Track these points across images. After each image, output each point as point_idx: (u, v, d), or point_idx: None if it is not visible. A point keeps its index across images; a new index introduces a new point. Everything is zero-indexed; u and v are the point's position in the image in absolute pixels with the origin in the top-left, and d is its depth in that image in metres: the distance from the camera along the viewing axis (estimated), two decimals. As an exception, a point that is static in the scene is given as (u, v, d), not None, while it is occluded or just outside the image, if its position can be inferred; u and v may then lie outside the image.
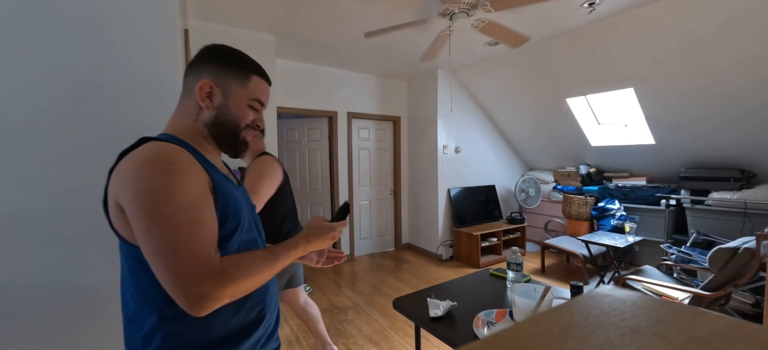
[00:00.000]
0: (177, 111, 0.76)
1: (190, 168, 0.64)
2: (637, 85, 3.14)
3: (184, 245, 0.59)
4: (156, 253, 0.58)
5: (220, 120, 0.73)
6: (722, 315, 0.25)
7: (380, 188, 4.82)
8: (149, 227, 0.59)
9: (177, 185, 0.61)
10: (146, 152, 0.63)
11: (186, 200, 0.61)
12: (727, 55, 2.52)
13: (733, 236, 2.78)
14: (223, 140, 0.75)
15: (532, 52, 3.50)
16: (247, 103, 0.75)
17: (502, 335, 0.23)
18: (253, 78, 0.76)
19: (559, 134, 4.31)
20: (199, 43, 3.03)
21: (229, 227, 0.69)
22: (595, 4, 2.56)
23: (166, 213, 0.59)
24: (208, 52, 0.76)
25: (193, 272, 0.58)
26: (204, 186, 0.65)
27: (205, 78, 0.72)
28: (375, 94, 4.59)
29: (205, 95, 0.72)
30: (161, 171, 0.61)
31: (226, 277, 0.61)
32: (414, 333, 1.66)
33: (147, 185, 0.59)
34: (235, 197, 0.73)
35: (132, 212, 0.60)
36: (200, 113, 0.73)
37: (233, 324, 0.71)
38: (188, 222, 0.60)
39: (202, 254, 0.60)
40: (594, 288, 1.49)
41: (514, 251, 1.58)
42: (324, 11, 2.66)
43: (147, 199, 0.59)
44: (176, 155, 0.64)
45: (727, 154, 3.21)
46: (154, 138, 0.69)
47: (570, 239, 3.92)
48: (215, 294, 0.60)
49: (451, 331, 1.21)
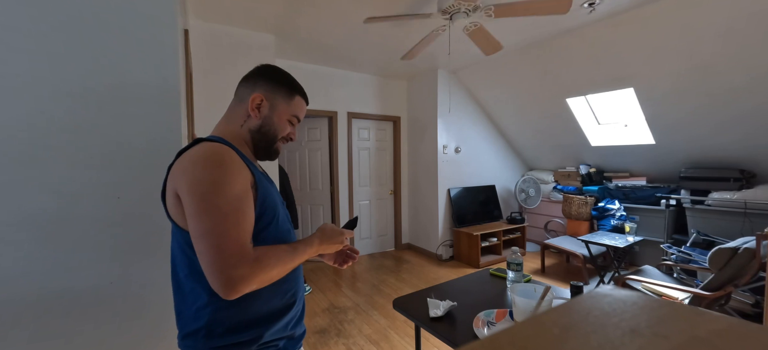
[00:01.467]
0: (227, 115, 0.87)
1: (237, 166, 0.74)
2: (637, 85, 3.14)
3: (227, 233, 0.68)
4: (202, 236, 0.67)
5: (264, 129, 0.85)
6: (722, 315, 0.25)
7: (380, 188, 4.82)
8: (201, 212, 0.68)
9: (227, 180, 0.70)
10: (203, 150, 0.73)
11: (233, 194, 0.70)
12: (727, 55, 2.52)
13: (733, 236, 2.78)
14: (261, 147, 0.87)
15: (532, 52, 3.50)
16: (287, 117, 0.87)
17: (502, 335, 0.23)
18: (297, 98, 0.89)
19: (559, 134, 4.31)
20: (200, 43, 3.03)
21: (266, 220, 0.79)
22: (595, 4, 2.56)
23: (216, 203, 0.68)
24: (264, 69, 0.87)
25: (232, 256, 0.67)
26: (247, 183, 0.75)
27: (258, 91, 0.84)
28: (375, 94, 4.59)
29: (255, 106, 0.84)
30: (214, 167, 0.71)
31: (258, 265, 0.70)
32: (414, 333, 1.66)
33: (202, 177, 0.69)
34: (272, 193, 0.83)
35: (187, 201, 0.70)
36: (247, 121, 0.85)
37: (272, 305, 0.81)
38: (234, 212, 0.69)
39: (242, 242, 0.69)
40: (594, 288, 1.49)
41: (514, 251, 1.58)
42: (324, 11, 2.66)
43: (201, 188, 0.69)
44: (227, 154, 0.73)
45: (727, 154, 3.21)
46: (206, 139, 0.79)
47: (570, 239, 3.92)
48: (248, 279, 0.68)
49: (451, 331, 1.21)
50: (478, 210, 4.67)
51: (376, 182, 4.78)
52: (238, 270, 0.67)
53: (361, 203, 4.66)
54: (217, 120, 0.89)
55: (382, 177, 4.83)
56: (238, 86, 0.87)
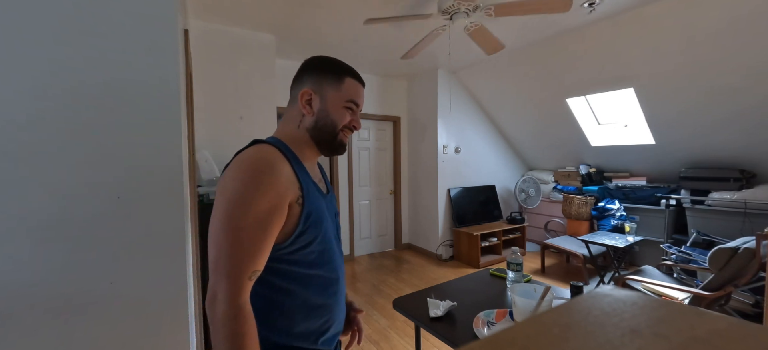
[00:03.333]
0: (284, 119, 0.84)
1: (274, 180, 0.69)
2: (637, 85, 3.14)
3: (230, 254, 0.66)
4: (212, 244, 0.67)
5: (320, 123, 0.80)
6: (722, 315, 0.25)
7: (380, 188, 4.82)
8: (220, 219, 0.67)
9: (256, 191, 0.67)
10: (247, 155, 0.71)
11: (258, 210, 0.67)
12: (727, 55, 2.52)
13: (733, 236, 2.78)
14: (323, 142, 0.81)
15: (532, 52, 3.50)
16: (343, 104, 0.81)
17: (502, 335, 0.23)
18: (347, 80, 0.81)
19: (559, 133, 4.31)
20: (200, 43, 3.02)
21: (308, 237, 0.75)
22: (595, 4, 2.56)
23: (235, 218, 0.66)
24: (307, 63, 0.82)
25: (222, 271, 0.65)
26: (282, 199, 0.70)
27: (305, 87, 0.80)
28: (375, 94, 4.59)
29: (305, 102, 0.79)
30: (248, 179, 0.68)
31: (232, 319, 0.64)
32: (414, 333, 1.66)
33: (232, 187, 0.68)
34: (320, 207, 0.79)
35: (216, 202, 0.69)
36: (302, 120, 0.80)
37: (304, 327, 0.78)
38: (251, 237, 0.66)
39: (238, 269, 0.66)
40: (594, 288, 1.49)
41: (514, 251, 1.58)
42: (324, 11, 2.66)
43: (227, 195, 0.68)
44: (268, 164, 0.70)
45: (727, 154, 3.20)
46: (263, 141, 0.77)
47: (570, 239, 3.92)
48: (215, 311, 0.65)
49: (451, 331, 1.21)
50: (478, 210, 4.67)
51: (376, 182, 4.78)
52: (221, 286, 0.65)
53: (361, 203, 4.66)
54: (217, 120, 0.90)
55: (382, 177, 4.83)
56: (291, 88, 0.84)
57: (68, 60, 0.99)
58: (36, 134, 0.96)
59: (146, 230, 1.08)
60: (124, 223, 1.06)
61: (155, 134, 1.09)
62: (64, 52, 0.99)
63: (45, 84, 0.97)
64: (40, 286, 0.98)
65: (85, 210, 1.01)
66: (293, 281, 0.76)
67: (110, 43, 1.04)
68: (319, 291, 0.79)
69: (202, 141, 2.74)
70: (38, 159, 0.97)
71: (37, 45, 0.96)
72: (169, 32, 1.12)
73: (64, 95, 0.99)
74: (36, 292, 0.97)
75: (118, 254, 1.05)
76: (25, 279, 0.96)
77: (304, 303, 0.77)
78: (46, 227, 0.98)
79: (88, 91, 1.01)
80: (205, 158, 2.57)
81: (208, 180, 2.61)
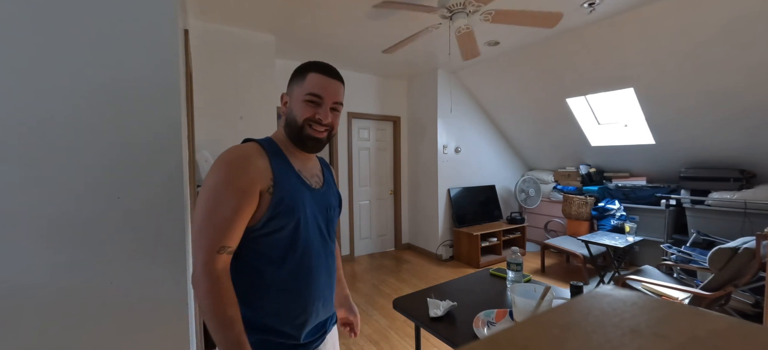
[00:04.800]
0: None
1: (248, 168, 0.78)
2: (637, 85, 3.14)
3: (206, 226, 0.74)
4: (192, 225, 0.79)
5: (289, 120, 0.87)
6: (722, 315, 0.25)
7: (380, 188, 4.82)
8: (198, 203, 0.77)
9: (230, 178, 0.76)
10: (228, 151, 0.81)
11: (230, 193, 0.75)
12: (727, 55, 2.52)
13: (733, 236, 2.78)
14: (294, 138, 0.87)
15: (532, 52, 3.50)
16: (303, 98, 0.84)
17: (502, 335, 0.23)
18: (309, 75, 0.85)
19: (559, 134, 4.31)
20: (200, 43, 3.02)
21: (278, 223, 0.80)
22: (595, 4, 2.56)
23: (210, 198, 0.76)
24: (300, 66, 0.88)
25: (198, 247, 0.74)
26: (252, 185, 0.78)
27: (285, 92, 0.90)
28: (375, 94, 4.59)
29: (283, 104, 0.89)
30: (220, 169, 0.77)
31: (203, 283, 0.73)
32: (414, 333, 1.66)
33: (212, 175, 0.78)
34: (296, 197, 0.83)
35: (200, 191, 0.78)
36: (282, 120, 0.89)
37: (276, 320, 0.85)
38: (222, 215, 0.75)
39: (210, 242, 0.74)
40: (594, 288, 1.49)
41: (514, 251, 1.57)
42: (324, 11, 2.66)
43: (206, 184, 0.78)
44: (243, 156, 0.79)
45: (727, 154, 3.20)
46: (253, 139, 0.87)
47: (570, 239, 3.92)
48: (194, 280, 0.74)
49: (451, 331, 1.21)
50: (478, 210, 4.67)
51: (376, 182, 4.77)
52: (198, 257, 0.74)
53: (361, 203, 4.66)
54: (217, 120, 0.91)
55: (382, 177, 4.83)
56: None
57: (68, 60, 0.99)
58: (35, 134, 0.96)
59: (146, 230, 1.08)
60: (124, 223, 1.06)
61: (155, 134, 1.09)
62: (64, 53, 0.99)
63: (44, 84, 0.97)
64: (41, 286, 0.98)
65: (85, 210, 1.01)
66: (267, 262, 0.82)
67: (110, 43, 1.04)
68: (290, 276, 0.83)
69: (202, 141, 2.74)
70: (38, 159, 0.97)
71: (36, 45, 0.96)
72: (169, 32, 1.12)
73: (63, 95, 0.99)
74: (36, 292, 0.97)
75: (118, 255, 1.05)
76: (25, 279, 0.96)
77: (275, 284, 0.83)
78: (46, 227, 0.98)
79: (87, 91, 1.01)
80: (205, 158, 2.57)
81: (208, 180, 2.61)
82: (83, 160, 1.01)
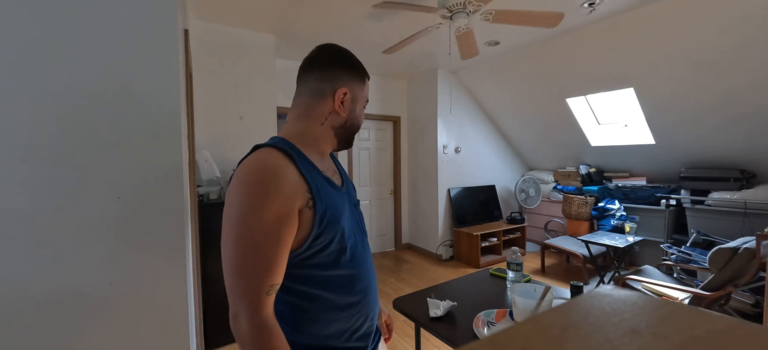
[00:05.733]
0: (304, 113, 0.78)
1: (280, 186, 0.66)
2: (637, 85, 3.14)
3: (246, 271, 0.63)
4: (225, 263, 0.65)
5: (349, 123, 0.80)
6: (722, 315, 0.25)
7: (380, 188, 4.82)
8: (229, 238, 0.65)
9: (263, 202, 0.64)
10: (249, 165, 0.67)
11: (266, 222, 0.64)
12: (727, 55, 2.52)
13: (733, 236, 2.78)
14: (344, 140, 0.83)
15: (532, 52, 3.50)
16: (364, 104, 0.83)
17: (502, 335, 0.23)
18: (367, 82, 0.83)
19: (559, 134, 4.31)
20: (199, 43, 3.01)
21: (325, 239, 0.71)
22: (595, 4, 2.56)
23: (242, 234, 0.64)
24: (339, 56, 0.79)
25: (238, 296, 0.64)
26: (290, 206, 0.66)
27: (343, 86, 0.76)
28: (375, 94, 4.59)
29: (341, 102, 0.77)
30: (251, 190, 0.64)
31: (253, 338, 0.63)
32: (414, 333, 1.66)
33: (236, 200, 0.65)
34: (335, 204, 0.74)
35: (224, 219, 0.66)
36: (330, 117, 0.78)
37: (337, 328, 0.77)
38: (263, 251, 0.64)
39: (253, 290, 0.64)
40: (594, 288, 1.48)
41: (514, 251, 1.58)
42: (324, 10, 2.66)
43: (232, 212, 0.65)
44: (271, 171, 0.66)
45: (727, 154, 3.20)
46: (266, 144, 0.72)
47: (570, 239, 3.92)
48: (239, 330, 0.63)
49: (451, 331, 1.21)
50: (478, 210, 4.67)
51: (376, 182, 4.77)
52: (241, 305, 0.63)
53: (362, 203, 4.66)
54: (217, 120, 0.89)
55: (382, 177, 4.83)
56: (310, 78, 0.77)
57: (68, 60, 0.99)
58: (36, 134, 0.96)
59: (146, 230, 1.08)
60: (125, 223, 1.06)
61: (155, 134, 1.09)
62: (64, 53, 0.99)
63: (44, 84, 0.97)
64: (41, 286, 0.98)
65: (85, 210, 1.01)
66: (315, 285, 0.72)
67: (110, 43, 1.04)
68: (344, 290, 0.75)
69: (202, 141, 2.75)
70: (38, 159, 0.97)
71: (36, 45, 0.96)
72: (169, 32, 1.12)
73: (63, 95, 0.99)
74: (36, 292, 0.97)
75: (118, 255, 1.05)
76: (25, 279, 0.96)
77: (330, 306, 0.74)
78: (46, 227, 0.98)
79: (88, 91, 1.01)
80: (205, 158, 2.57)
81: (208, 180, 2.61)
82: (83, 160, 1.01)
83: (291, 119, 0.79)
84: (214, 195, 2.59)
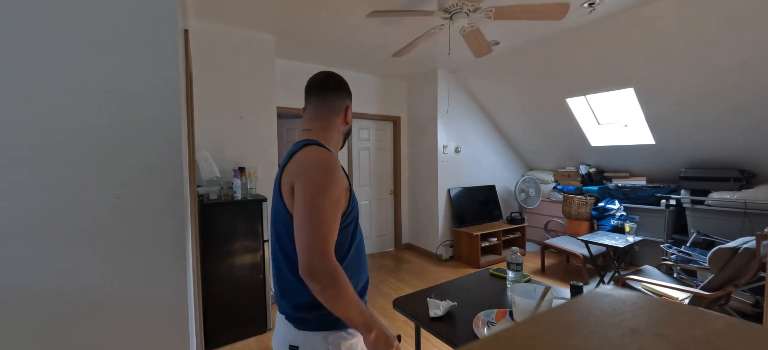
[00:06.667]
0: (328, 124, 1.04)
1: (339, 174, 0.91)
2: (637, 85, 3.14)
3: (319, 229, 0.83)
4: (302, 226, 0.84)
5: (349, 130, 1.12)
6: (722, 315, 0.25)
7: (380, 188, 4.82)
8: (307, 207, 0.84)
9: (332, 185, 0.87)
10: (319, 155, 0.91)
11: (333, 199, 0.87)
12: (727, 55, 2.52)
13: (733, 236, 2.78)
14: (344, 143, 1.11)
15: (532, 52, 3.50)
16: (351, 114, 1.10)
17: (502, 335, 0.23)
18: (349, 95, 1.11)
19: (559, 134, 4.31)
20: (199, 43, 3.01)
21: (353, 213, 0.97)
22: (595, 4, 2.56)
23: (320, 203, 0.85)
24: (344, 82, 1.08)
25: (317, 249, 0.82)
26: (343, 189, 0.91)
27: (349, 103, 1.08)
28: (375, 94, 4.59)
29: (346, 118, 1.06)
30: (326, 172, 0.88)
31: (331, 277, 0.81)
32: (414, 333, 1.66)
33: (315, 179, 0.87)
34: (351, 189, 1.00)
35: (299, 195, 0.86)
36: (342, 127, 1.07)
37: None
38: (330, 215, 0.86)
39: (326, 241, 0.84)
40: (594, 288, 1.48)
41: (514, 251, 1.58)
42: (324, 10, 2.66)
43: (312, 188, 0.86)
44: (335, 162, 0.92)
45: (727, 154, 3.20)
46: (315, 143, 0.95)
47: (570, 239, 3.92)
48: (319, 275, 0.81)
49: (451, 331, 1.21)
50: (478, 210, 4.67)
51: (376, 182, 4.77)
52: (316, 260, 0.81)
53: (361, 203, 4.65)
54: (216, 120, 0.91)
55: (382, 177, 4.83)
56: (326, 95, 1.03)
57: (68, 60, 0.99)
58: (36, 134, 0.96)
59: (146, 230, 1.09)
60: (125, 223, 1.06)
61: (155, 134, 1.09)
62: (64, 53, 0.99)
63: (45, 84, 0.97)
64: (41, 286, 0.98)
65: (85, 210, 1.01)
66: (344, 247, 0.96)
67: (110, 44, 1.04)
68: (357, 251, 1.00)
69: (202, 141, 2.75)
70: (38, 159, 0.97)
71: (36, 45, 0.96)
72: (169, 32, 1.12)
73: (63, 95, 0.99)
74: (36, 292, 0.97)
75: (118, 254, 1.05)
76: (25, 279, 0.96)
77: (350, 263, 0.96)
78: (46, 228, 0.98)
79: (87, 91, 1.01)
80: (205, 158, 2.57)
81: (208, 180, 2.61)
82: (83, 160, 1.01)
83: (317, 128, 1.03)
84: (214, 195, 2.59)
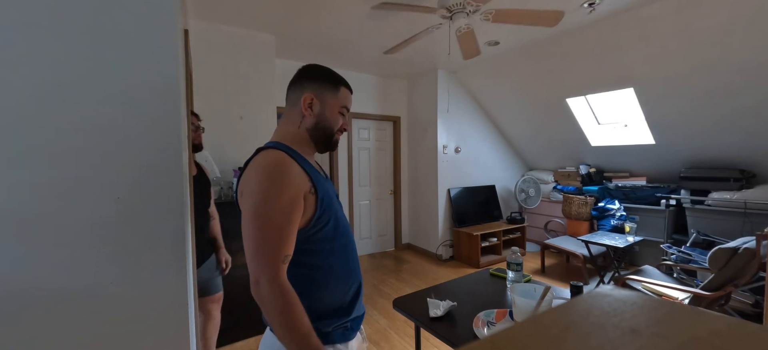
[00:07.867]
0: (283, 120, 0.95)
1: (290, 176, 0.82)
2: (637, 85, 3.14)
3: (267, 243, 0.78)
4: (248, 239, 0.79)
5: (319, 125, 0.92)
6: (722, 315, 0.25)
7: (380, 188, 4.82)
8: (251, 218, 0.79)
9: (277, 191, 0.79)
10: (262, 160, 0.83)
11: (281, 206, 0.79)
12: (727, 55, 2.52)
13: (733, 236, 2.78)
14: (320, 141, 0.95)
15: (532, 52, 3.50)
16: (338, 110, 0.94)
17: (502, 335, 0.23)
18: (342, 89, 0.95)
19: (559, 134, 4.31)
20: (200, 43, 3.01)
21: (325, 218, 0.88)
22: (595, 4, 2.56)
23: (264, 212, 0.78)
24: (308, 71, 0.94)
25: (263, 263, 0.77)
26: (298, 192, 0.82)
27: (307, 92, 0.91)
28: (375, 94, 4.59)
29: (307, 106, 0.91)
30: (268, 179, 0.80)
31: (279, 296, 0.76)
32: (414, 333, 1.66)
33: (257, 189, 0.80)
34: (328, 190, 0.91)
35: (244, 207, 0.81)
36: (303, 121, 0.92)
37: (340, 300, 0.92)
38: (280, 227, 0.79)
39: (275, 255, 0.78)
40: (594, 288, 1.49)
41: (514, 251, 1.58)
42: (324, 10, 2.66)
43: (254, 198, 0.80)
44: (282, 164, 0.82)
45: (727, 154, 3.20)
46: (266, 147, 0.88)
47: (570, 239, 3.92)
48: (260, 298, 0.77)
49: (451, 331, 1.21)
50: (478, 210, 4.67)
51: (376, 182, 4.77)
52: (263, 276, 0.76)
53: (361, 203, 4.66)
54: (217, 120, 0.91)
55: (382, 177, 4.83)
56: (288, 92, 0.95)
57: (67, 60, 0.99)
58: (35, 134, 0.96)
59: (146, 230, 1.08)
60: (124, 223, 1.06)
61: (155, 134, 1.09)
62: (63, 52, 0.99)
63: (44, 84, 0.97)
64: (40, 286, 0.98)
65: (84, 211, 1.01)
66: (321, 256, 0.88)
67: (110, 43, 1.04)
68: (342, 258, 0.92)
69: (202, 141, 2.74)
70: (38, 159, 0.97)
71: (36, 45, 0.96)
72: (169, 32, 1.12)
73: (62, 95, 0.99)
74: (36, 292, 0.97)
75: (118, 255, 1.05)
76: (25, 280, 0.96)
77: (333, 272, 0.90)
78: (46, 228, 0.98)
79: (87, 91, 1.01)
80: (205, 158, 2.57)
81: (208, 180, 2.61)
82: (82, 160, 1.01)
83: (279, 128, 0.96)
84: (215, 195, 2.59)
